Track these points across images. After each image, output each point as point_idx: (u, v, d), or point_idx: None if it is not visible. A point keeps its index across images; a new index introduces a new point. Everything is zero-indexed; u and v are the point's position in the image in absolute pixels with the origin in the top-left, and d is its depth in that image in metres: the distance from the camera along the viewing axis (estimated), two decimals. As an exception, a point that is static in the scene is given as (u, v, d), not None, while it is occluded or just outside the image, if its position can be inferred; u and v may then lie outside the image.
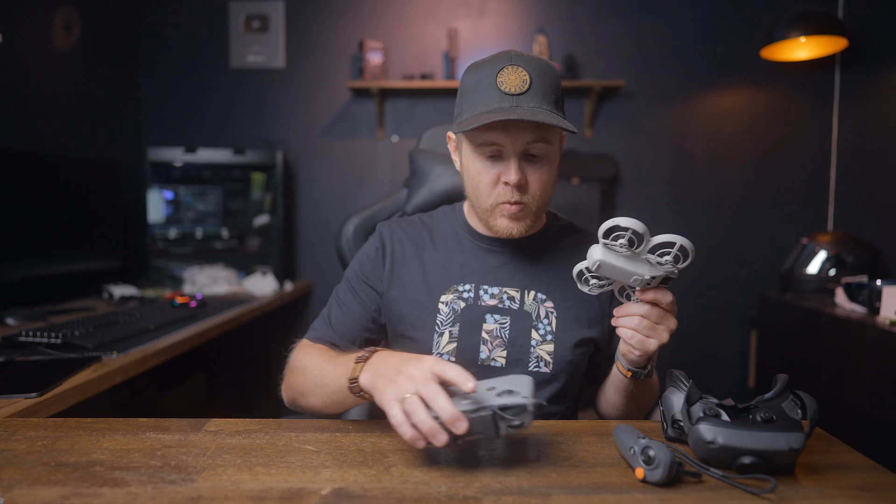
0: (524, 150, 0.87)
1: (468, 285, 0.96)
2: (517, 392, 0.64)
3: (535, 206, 0.91)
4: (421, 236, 1.02)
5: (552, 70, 0.88)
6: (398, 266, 1.00)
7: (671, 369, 0.71)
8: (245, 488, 0.58)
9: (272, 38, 2.67)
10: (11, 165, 1.70)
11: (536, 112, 0.82)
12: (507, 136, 0.85)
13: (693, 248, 0.70)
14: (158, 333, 1.45)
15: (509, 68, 0.85)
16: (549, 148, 0.88)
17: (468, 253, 0.99)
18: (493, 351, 0.93)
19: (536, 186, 0.89)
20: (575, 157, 2.58)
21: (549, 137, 0.87)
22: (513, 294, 0.96)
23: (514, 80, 0.84)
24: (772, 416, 0.63)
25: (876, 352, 1.69)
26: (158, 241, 2.44)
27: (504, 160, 0.88)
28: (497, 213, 0.91)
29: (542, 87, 0.85)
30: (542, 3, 2.64)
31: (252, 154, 2.47)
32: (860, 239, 2.26)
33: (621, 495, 0.58)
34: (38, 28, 2.02)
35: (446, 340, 0.94)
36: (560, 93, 0.89)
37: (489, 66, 0.86)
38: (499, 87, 0.84)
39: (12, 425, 0.75)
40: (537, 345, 0.94)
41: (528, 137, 0.85)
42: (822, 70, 2.59)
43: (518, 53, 0.87)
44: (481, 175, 0.89)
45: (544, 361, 0.94)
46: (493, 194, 0.89)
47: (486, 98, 0.85)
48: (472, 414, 0.60)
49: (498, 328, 0.94)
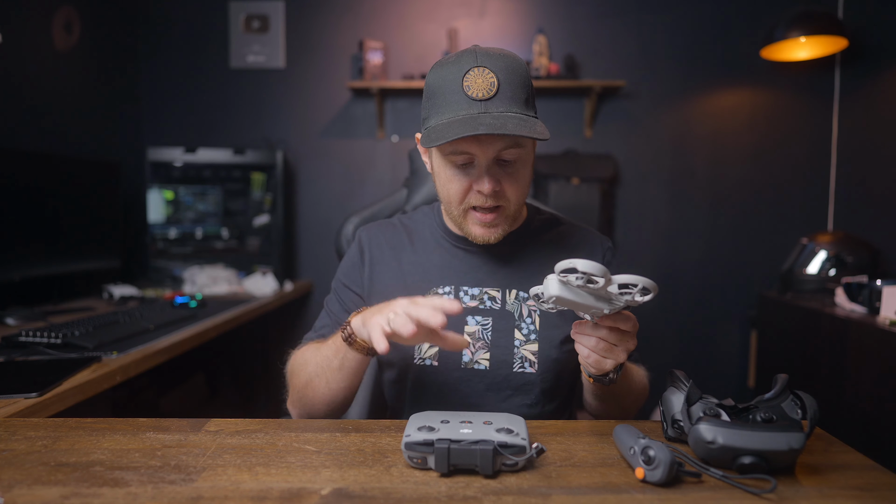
0: (496, 157, 0.84)
1: (448, 287, 0.95)
2: (516, 432, 0.64)
3: (512, 210, 0.89)
4: (400, 239, 1.01)
5: (520, 66, 0.85)
6: (377, 271, 0.98)
7: (671, 369, 0.71)
8: (245, 488, 0.58)
9: (272, 38, 2.67)
10: (11, 165, 1.70)
11: (506, 121, 0.79)
12: (478, 146, 0.82)
13: (656, 287, 0.67)
14: (158, 333, 1.45)
15: (475, 71, 0.81)
16: (522, 151, 0.85)
17: (447, 254, 0.97)
18: (476, 353, 0.92)
19: (512, 191, 0.87)
20: (575, 157, 2.58)
21: (522, 141, 0.85)
22: (493, 294, 0.94)
23: (480, 83, 0.81)
24: (772, 416, 0.63)
25: (876, 352, 1.69)
26: (158, 241, 2.44)
27: (476, 167, 0.85)
28: (470, 220, 0.89)
29: (510, 88, 0.82)
30: (542, 3, 2.64)
31: (252, 154, 2.47)
32: (860, 239, 2.26)
33: (621, 495, 0.58)
34: (38, 28, 2.02)
35: (428, 345, 0.92)
36: (530, 89, 0.86)
37: (454, 68, 0.83)
38: (465, 93, 0.81)
39: (12, 425, 0.75)
40: (521, 345, 0.92)
41: (500, 145, 0.83)
42: (822, 70, 2.59)
43: (484, 52, 0.83)
44: (452, 182, 0.87)
45: (529, 361, 0.91)
46: (466, 201, 0.87)
47: (453, 104, 0.82)
48: (473, 445, 0.60)
49: (480, 330, 0.92)
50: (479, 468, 0.61)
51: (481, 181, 0.84)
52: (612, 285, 0.67)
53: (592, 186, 2.51)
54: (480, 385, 0.91)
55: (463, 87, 0.81)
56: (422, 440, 0.62)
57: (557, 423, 0.79)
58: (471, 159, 0.85)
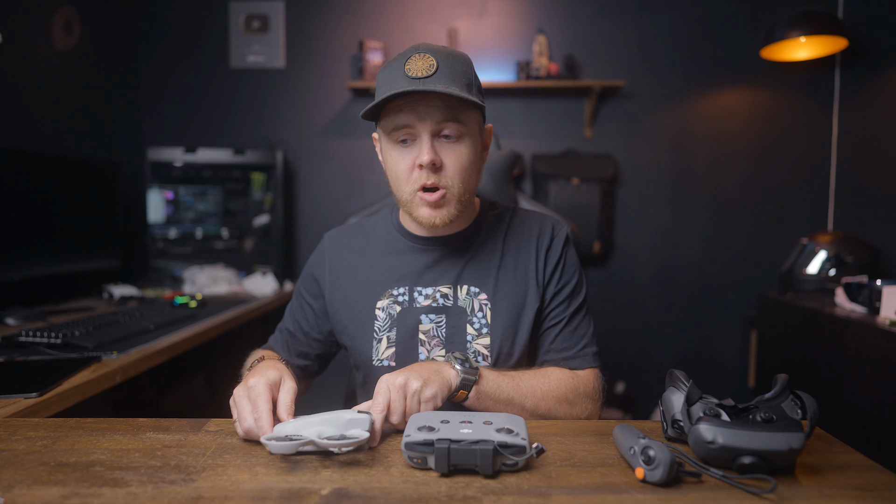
0: (436, 131, 0.86)
1: (402, 288, 0.96)
2: (516, 432, 0.64)
3: (457, 191, 0.88)
4: (358, 242, 1.03)
5: (464, 58, 0.88)
6: (336, 276, 1.00)
7: (671, 369, 0.71)
8: (245, 488, 0.58)
9: (272, 38, 2.67)
10: (11, 165, 1.70)
11: (438, 89, 0.80)
12: (415, 116, 0.84)
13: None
14: (158, 333, 1.45)
15: (416, 56, 0.84)
16: (463, 129, 0.87)
17: (402, 255, 0.99)
18: (431, 351, 0.93)
19: (453, 168, 0.87)
20: (575, 157, 2.58)
21: (462, 118, 0.86)
22: (445, 291, 0.95)
23: (420, 65, 0.83)
24: (772, 416, 0.63)
25: (876, 352, 1.69)
26: (158, 241, 2.44)
27: (417, 144, 0.86)
28: (417, 202, 0.89)
29: (449, 70, 0.84)
30: (542, 3, 2.64)
31: (252, 154, 2.47)
32: (860, 239, 2.26)
33: (621, 495, 0.58)
34: (38, 28, 2.02)
35: (385, 346, 0.94)
36: (473, 79, 0.88)
37: (398, 59, 0.86)
38: (406, 74, 0.83)
39: (12, 425, 0.75)
40: (473, 339, 0.93)
41: (438, 116, 0.84)
42: (822, 70, 2.59)
43: (427, 44, 0.87)
44: (398, 164, 0.88)
45: (482, 355, 0.92)
46: (411, 181, 0.88)
47: (394, 86, 0.83)
48: (473, 445, 0.61)
49: (434, 328, 0.94)
50: (479, 468, 0.61)
51: (421, 153, 0.85)
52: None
53: (592, 186, 2.51)
54: None
55: (404, 70, 0.84)
56: (422, 440, 0.62)
57: (557, 423, 0.79)
58: (411, 134, 0.86)
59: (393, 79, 0.84)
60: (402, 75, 0.83)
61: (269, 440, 0.62)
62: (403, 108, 0.84)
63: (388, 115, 0.87)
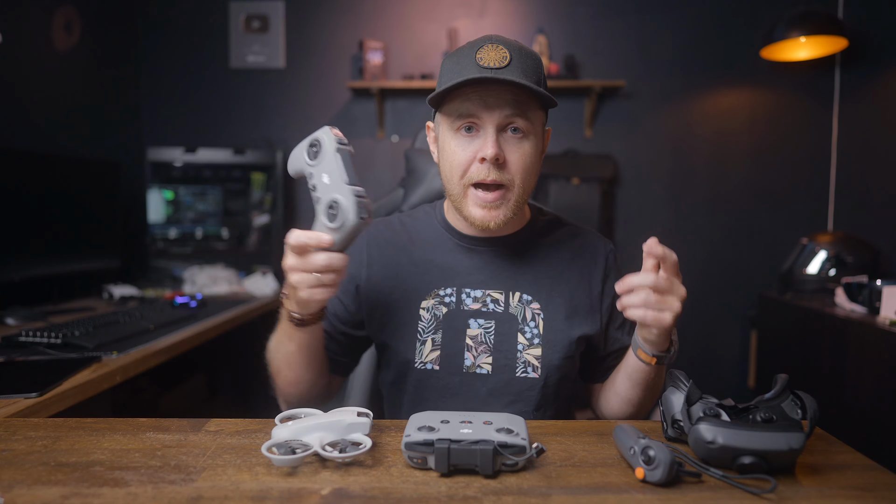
0: (503, 124, 0.82)
1: (450, 289, 0.91)
2: (517, 432, 0.63)
3: (516, 192, 0.84)
4: (399, 239, 0.96)
5: (536, 56, 0.85)
6: (375, 270, 0.94)
7: (671, 369, 0.71)
8: (245, 488, 0.58)
9: (272, 38, 2.67)
10: (12, 165, 1.70)
11: (513, 80, 0.78)
12: (483, 108, 0.81)
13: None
14: (158, 333, 1.45)
15: (489, 46, 0.81)
16: (530, 126, 0.83)
17: (449, 254, 0.93)
18: (478, 357, 0.89)
19: (517, 166, 0.83)
20: (575, 157, 2.58)
21: (530, 115, 0.83)
22: (496, 296, 0.90)
23: (493, 55, 0.80)
24: (772, 416, 0.63)
25: (876, 352, 1.69)
26: (158, 241, 2.44)
27: (481, 136, 0.82)
28: (470, 199, 0.84)
29: (522, 65, 0.81)
30: (542, 3, 2.64)
31: (252, 154, 2.47)
32: (860, 239, 2.26)
33: (621, 495, 0.58)
34: (38, 28, 2.02)
35: (429, 349, 0.89)
36: (542, 78, 0.85)
37: (468, 48, 0.83)
38: (478, 63, 0.80)
39: (12, 425, 0.75)
40: (524, 349, 0.89)
41: (507, 111, 0.81)
42: (822, 70, 2.59)
43: (499, 36, 0.83)
44: (456, 154, 0.83)
45: (532, 366, 0.89)
46: (468, 174, 0.83)
47: (464, 72, 0.80)
48: (473, 445, 0.60)
49: (483, 333, 0.89)
50: (480, 468, 0.61)
51: (485, 145, 0.81)
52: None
53: (592, 186, 2.51)
54: (482, 390, 0.89)
55: (476, 59, 0.80)
56: (422, 440, 0.62)
57: (557, 423, 0.79)
58: (475, 124, 0.83)
59: (462, 66, 0.81)
60: (472, 63, 0.80)
61: (270, 452, 0.62)
62: (471, 96, 0.81)
63: (453, 102, 0.83)
